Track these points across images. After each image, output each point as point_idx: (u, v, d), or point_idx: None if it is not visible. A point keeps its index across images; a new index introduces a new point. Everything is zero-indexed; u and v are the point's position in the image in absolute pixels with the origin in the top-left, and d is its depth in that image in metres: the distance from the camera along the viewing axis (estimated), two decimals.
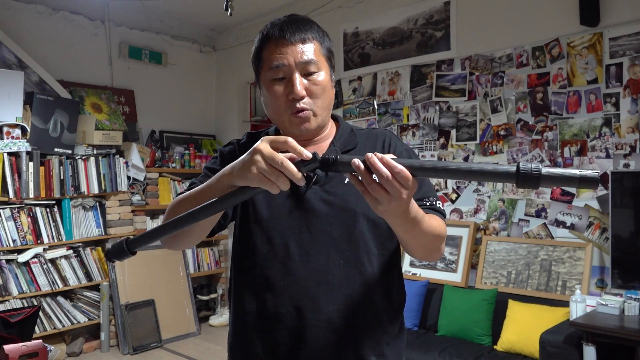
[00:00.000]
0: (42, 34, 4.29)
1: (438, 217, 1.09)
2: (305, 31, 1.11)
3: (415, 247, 1.06)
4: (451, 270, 3.65)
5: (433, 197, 1.15)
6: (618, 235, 2.86)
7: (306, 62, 1.10)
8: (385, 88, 4.18)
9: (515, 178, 0.74)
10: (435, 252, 1.09)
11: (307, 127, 1.12)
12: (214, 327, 4.89)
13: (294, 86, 1.08)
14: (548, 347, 2.64)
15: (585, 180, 0.72)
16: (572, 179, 0.72)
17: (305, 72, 1.10)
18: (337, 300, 1.11)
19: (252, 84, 5.52)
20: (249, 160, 0.87)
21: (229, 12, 3.27)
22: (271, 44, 1.11)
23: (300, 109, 1.10)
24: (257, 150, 0.86)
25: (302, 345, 1.11)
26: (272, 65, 1.10)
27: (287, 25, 1.11)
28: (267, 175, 0.84)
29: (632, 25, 3.00)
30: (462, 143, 3.73)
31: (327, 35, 1.18)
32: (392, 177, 0.79)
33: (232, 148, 1.26)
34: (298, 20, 1.14)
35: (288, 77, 1.10)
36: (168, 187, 4.90)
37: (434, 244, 1.06)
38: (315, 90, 1.11)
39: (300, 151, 0.85)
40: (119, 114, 4.55)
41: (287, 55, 1.09)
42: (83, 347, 4.11)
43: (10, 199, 3.78)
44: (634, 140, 3.00)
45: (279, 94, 1.11)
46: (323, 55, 1.14)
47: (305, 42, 1.10)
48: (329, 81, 1.15)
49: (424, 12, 3.92)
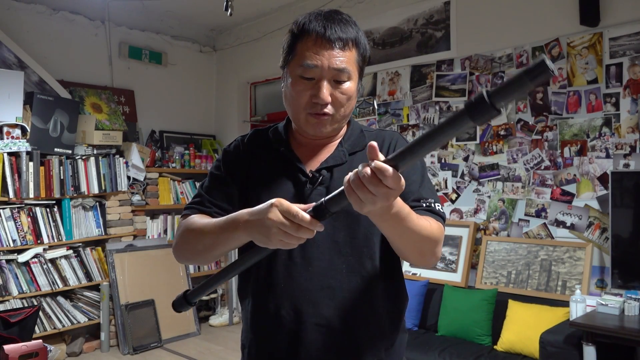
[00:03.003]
0: (42, 34, 4.29)
1: (432, 219, 1.05)
2: (348, 33, 1.08)
3: (404, 248, 1.02)
4: (451, 270, 3.65)
5: (432, 199, 1.11)
6: (618, 235, 2.86)
7: (339, 70, 1.07)
8: (385, 88, 4.18)
9: (467, 114, 0.69)
10: (429, 256, 1.05)
11: (323, 131, 1.12)
12: (214, 327, 4.89)
13: (320, 91, 1.06)
14: (548, 347, 2.64)
15: (533, 72, 0.63)
16: (520, 78, 0.64)
17: (337, 79, 1.07)
18: (338, 305, 1.09)
19: (252, 84, 5.52)
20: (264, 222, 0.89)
21: (229, 12, 3.26)
22: (309, 39, 1.07)
23: (321, 113, 1.08)
24: (269, 217, 0.88)
25: (301, 349, 1.10)
26: (304, 62, 1.07)
27: (330, 24, 1.07)
28: (286, 229, 0.86)
29: (632, 25, 3.00)
30: (462, 143, 3.73)
31: (366, 40, 1.14)
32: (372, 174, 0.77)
33: (237, 144, 1.24)
34: (342, 20, 1.09)
35: (317, 79, 1.07)
36: (168, 187, 4.90)
37: (425, 246, 1.02)
38: (340, 99, 1.09)
39: (311, 223, 0.86)
40: (119, 114, 4.55)
41: (323, 58, 1.05)
42: (83, 347, 4.11)
43: (10, 199, 3.78)
44: (634, 140, 3.00)
45: (303, 91, 1.08)
46: (357, 63, 1.11)
47: (344, 48, 1.07)
48: (355, 90, 1.12)
49: (424, 12, 3.92)
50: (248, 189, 1.17)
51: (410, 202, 1.05)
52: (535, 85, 0.65)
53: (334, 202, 0.85)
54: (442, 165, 3.83)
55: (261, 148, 1.20)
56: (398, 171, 0.78)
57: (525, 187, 3.43)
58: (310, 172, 1.14)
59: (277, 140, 1.19)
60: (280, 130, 1.21)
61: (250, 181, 1.17)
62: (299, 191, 1.12)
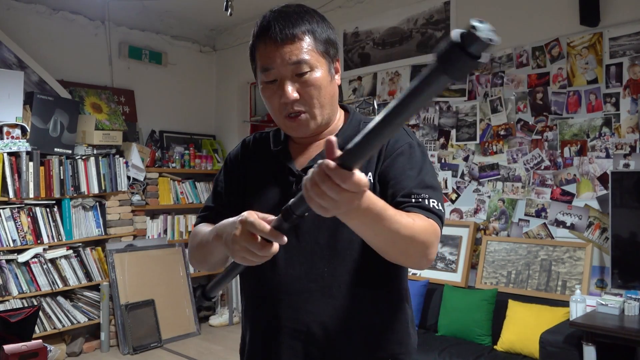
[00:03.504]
0: (42, 34, 4.29)
1: (421, 216, 0.93)
2: (294, 26, 1.01)
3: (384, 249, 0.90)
4: (451, 270, 3.64)
5: (425, 194, 0.98)
6: (618, 235, 2.86)
7: (296, 63, 1.01)
8: (385, 88, 4.18)
9: (442, 69, 0.56)
10: (417, 258, 0.92)
11: (305, 130, 1.07)
12: (214, 327, 4.89)
13: (284, 91, 1.02)
14: (548, 347, 2.64)
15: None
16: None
17: (297, 73, 1.02)
18: (319, 311, 1.03)
19: (252, 84, 5.51)
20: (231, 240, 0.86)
21: (229, 12, 3.26)
22: (261, 44, 1.04)
23: (295, 114, 1.04)
24: (234, 234, 0.85)
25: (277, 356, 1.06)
26: (262, 67, 1.04)
27: (274, 22, 1.02)
28: (250, 247, 0.82)
29: (632, 25, 3.00)
30: (462, 143, 3.73)
31: (325, 22, 1.07)
32: (326, 178, 0.66)
33: (238, 148, 1.23)
34: (287, 13, 1.04)
35: (279, 79, 1.03)
36: (168, 187, 4.90)
37: (408, 247, 0.89)
38: (309, 91, 1.03)
39: (271, 233, 0.81)
40: (119, 114, 4.55)
41: (275, 58, 1.01)
42: (83, 347, 4.11)
43: (10, 199, 3.78)
44: (633, 140, 3.00)
45: (272, 96, 1.05)
46: (317, 50, 1.03)
47: (294, 41, 1.01)
48: (327, 76, 1.05)
49: (424, 12, 3.92)
50: (246, 193, 1.16)
51: (399, 197, 0.98)
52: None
53: (298, 207, 0.76)
54: (442, 165, 3.83)
55: (261, 151, 1.19)
56: (353, 170, 0.65)
57: (525, 187, 3.43)
58: (297, 172, 1.08)
59: (275, 141, 1.17)
60: (280, 132, 1.19)
61: (248, 184, 1.16)
62: (286, 192, 1.07)
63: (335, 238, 1.04)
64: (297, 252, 1.05)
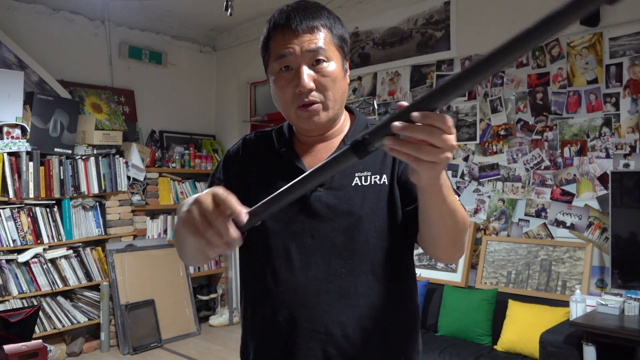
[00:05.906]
0: (42, 34, 4.29)
1: None
2: (313, 19, 1.04)
3: (439, 233, 0.93)
4: (451, 270, 3.65)
5: None
6: (618, 235, 2.86)
7: (314, 51, 1.02)
8: (385, 88, 4.18)
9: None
10: (459, 246, 0.97)
11: (317, 121, 1.06)
12: (214, 327, 4.89)
13: (300, 78, 1.02)
14: (548, 347, 2.64)
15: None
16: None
17: (313, 62, 1.03)
18: (336, 312, 1.04)
19: (252, 84, 5.52)
20: (187, 208, 0.80)
21: (229, 12, 3.26)
22: (278, 34, 1.05)
23: (309, 102, 1.03)
24: (197, 200, 0.79)
25: (297, 357, 1.05)
26: (278, 54, 1.04)
27: (294, 13, 1.04)
28: (198, 225, 0.77)
29: (632, 25, 3.00)
30: (462, 143, 3.73)
31: (340, 22, 1.10)
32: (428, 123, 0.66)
33: (238, 146, 1.21)
34: (306, 6, 1.06)
35: (295, 67, 1.03)
36: (168, 187, 4.90)
37: (457, 232, 0.93)
38: (324, 82, 1.04)
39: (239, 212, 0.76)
40: (119, 114, 4.55)
41: (294, 45, 1.02)
42: (83, 347, 4.11)
43: (10, 199, 3.78)
44: (634, 140, 3.00)
45: (286, 85, 1.04)
46: (334, 44, 1.06)
47: (313, 31, 1.03)
48: (341, 71, 1.08)
49: (424, 12, 3.92)
50: (248, 191, 1.13)
51: None
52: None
53: (376, 140, 0.70)
54: None
55: (264, 149, 1.17)
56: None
57: (525, 187, 3.43)
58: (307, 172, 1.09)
59: (280, 140, 1.16)
60: (283, 131, 1.18)
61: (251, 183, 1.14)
62: None
63: (352, 239, 1.04)
64: (313, 252, 1.05)
